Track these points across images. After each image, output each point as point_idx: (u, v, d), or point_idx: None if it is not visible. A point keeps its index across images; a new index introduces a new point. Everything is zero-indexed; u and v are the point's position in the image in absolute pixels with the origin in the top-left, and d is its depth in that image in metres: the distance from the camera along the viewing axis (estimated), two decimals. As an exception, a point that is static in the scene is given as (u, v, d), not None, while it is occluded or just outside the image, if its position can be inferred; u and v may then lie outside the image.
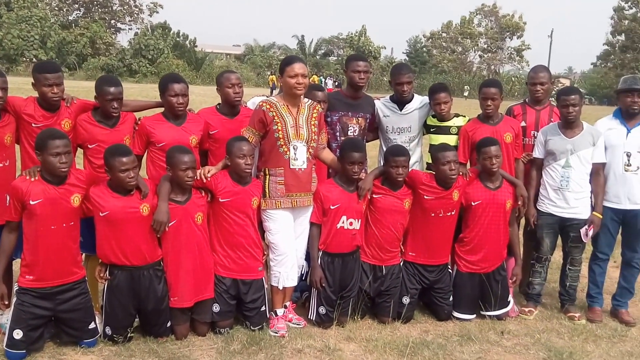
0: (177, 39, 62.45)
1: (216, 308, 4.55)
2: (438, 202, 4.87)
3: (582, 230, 5.07)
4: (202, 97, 24.28)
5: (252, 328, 4.61)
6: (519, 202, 5.03)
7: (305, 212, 4.76)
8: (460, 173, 4.91)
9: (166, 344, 4.35)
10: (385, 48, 72.59)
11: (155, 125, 4.61)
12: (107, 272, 4.24)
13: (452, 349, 4.47)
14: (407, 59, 73.75)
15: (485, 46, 74.89)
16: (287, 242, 4.67)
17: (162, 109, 4.76)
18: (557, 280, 5.53)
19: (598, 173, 5.10)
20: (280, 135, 4.52)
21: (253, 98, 5.23)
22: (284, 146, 4.53)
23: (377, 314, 4.99)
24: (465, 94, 52.46)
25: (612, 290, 5.42)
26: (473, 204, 4.96)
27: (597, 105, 63.15)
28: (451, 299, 5.07)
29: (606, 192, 5.13)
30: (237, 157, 4.42)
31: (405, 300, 4.97)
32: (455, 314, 5.06)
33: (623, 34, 69.04)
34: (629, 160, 5.05)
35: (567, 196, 5.09)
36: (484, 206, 4.95)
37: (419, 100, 5.38)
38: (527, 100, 5.61)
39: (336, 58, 71.52)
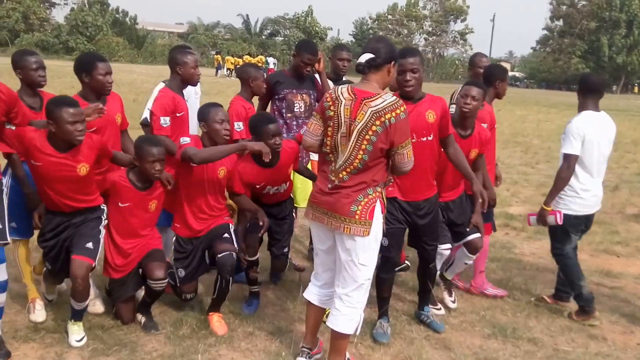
0: (117, 16, 60.79)
1: (181, 273, 4.42)
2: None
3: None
4: (144, 76, 23.80)
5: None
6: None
7: None
8: None
9: (112, 329, 4.23)
10: (331, 29, 72.75)
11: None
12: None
13: (401, 328, 4.54)
14: (353, 40, 73.92)
15: (430, 29, 75.76)
16: None
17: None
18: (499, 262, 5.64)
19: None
20: None
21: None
22: None
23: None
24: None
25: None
26: None
27: (535, 88, 64.85)
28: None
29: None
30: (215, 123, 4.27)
31: None
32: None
33: (561, 19, 71.15)
34: None
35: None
36: None
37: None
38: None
39: (282, 38, 71.04)
